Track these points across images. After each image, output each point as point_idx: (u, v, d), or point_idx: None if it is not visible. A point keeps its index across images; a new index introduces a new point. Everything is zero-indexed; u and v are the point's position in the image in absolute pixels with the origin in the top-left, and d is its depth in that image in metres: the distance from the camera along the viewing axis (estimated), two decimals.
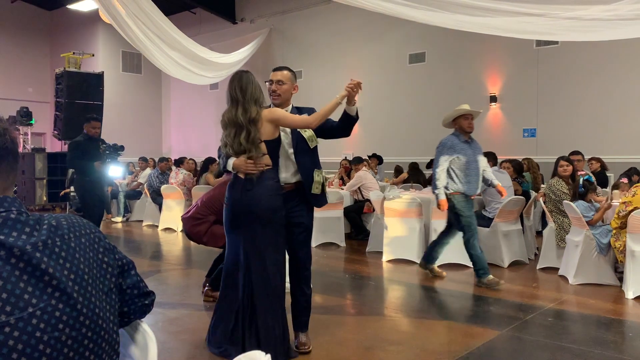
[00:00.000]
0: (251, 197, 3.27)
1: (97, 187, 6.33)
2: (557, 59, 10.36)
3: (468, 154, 5.41)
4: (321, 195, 3.57)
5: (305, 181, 3.49)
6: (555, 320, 4.26)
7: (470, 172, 5.33)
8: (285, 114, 3.35)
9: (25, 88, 16.43)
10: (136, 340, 1.41)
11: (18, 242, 1.07)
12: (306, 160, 3.50)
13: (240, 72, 3.42)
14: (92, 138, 6.33)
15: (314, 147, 3.54)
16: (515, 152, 9.94)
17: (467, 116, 5.59)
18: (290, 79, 3.53)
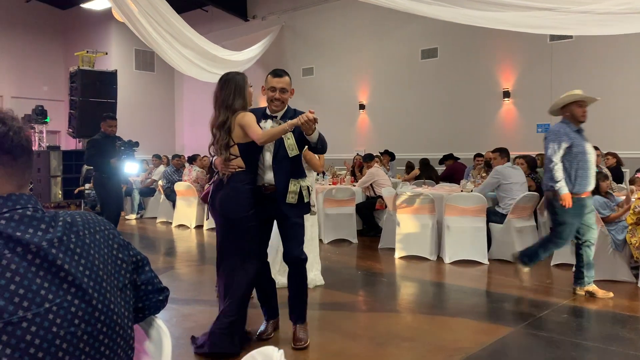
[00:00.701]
0: (219, 198, 3.48)
1: (115, 183, 6.44)
2: (572, 53, 10.24)
3: (582, 145, 4.86)
4: (297, 205, 3.48)
5: (279, 188, 3.46)
6: (570, 317, 4.23)
7: (583, 166, 4.71)
8: (248, 122, 3.35)
9: (40, 86, 16.60)
10: (151, 336, 1.42)
11: (34, 238, 1.09)
12: (283, 167, 3.46)
13: (221, 77, 3.56)
14: (108, 136, 6.45)
15: (294, 157, 3.46)
16: (528, 147, 9.85)
17: (581, 103, 5.10)
18: (290, 85, 3.53)
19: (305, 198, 3.51)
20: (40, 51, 16.88)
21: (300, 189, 3.47)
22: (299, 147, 3.46)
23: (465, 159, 10.23)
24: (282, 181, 3.45)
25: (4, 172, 1.13)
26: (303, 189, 3.49)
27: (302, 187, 3.49)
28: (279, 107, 3.51)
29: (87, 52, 13.29)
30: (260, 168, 3.52)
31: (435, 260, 6.37)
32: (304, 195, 3.50)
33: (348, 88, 13.31)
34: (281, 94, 3.47)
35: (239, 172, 3.45)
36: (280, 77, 3.49)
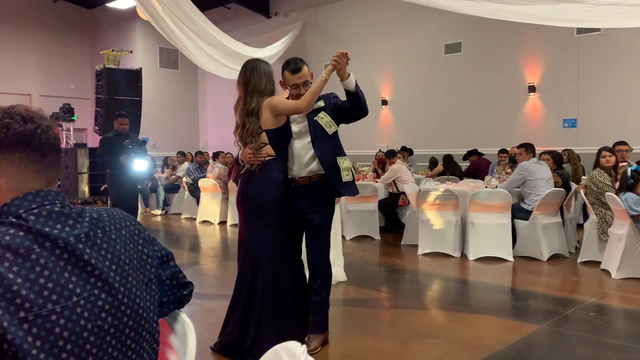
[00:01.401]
0: (250, 189, 3.30)
1: (126, 180, 6.51)
2: (599, 46, 10.03)
3: None
4: (352, 183, 3.37)
5: (328, 170, 3.28)
6: (597, 315, 4.15)
7: None
8: (280, 101, 3.23)
9: (67, 85, 16.92)
10: (175, 330, 1.44)
11: (62, 234, 1.12)
12: (326, 148, 3.30)
13: (246, 63, 3.39)
14: (120, 134, 6.58)
15: (334, 133, 3.33)
16: (555, 143, 9.70)
17: None
18: (309, 72, 3.44)
19: (345, 177, 3.33)
20: (67, 50, 17.19)
21: (351, 165, 3.42)
22: (336, 122, 3.36)
23: (490, 155, 10.11)
24: (330, 162, 3.29)
25: (32, 169, 1.16)
26: (344, 168, 3.33)
27: (344, 166, 3.34)
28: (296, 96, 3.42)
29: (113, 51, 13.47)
30: (290, 159, 3.36)
31: (459, 257, 6.31)
32: (343, 175, 3.33)
33: (370, 84, 13.24)
34: (306, 88, 3.35)
35: (269, 160, 3.28)
36: (299, 72, 3.35)
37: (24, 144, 1.15)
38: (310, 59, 14.47)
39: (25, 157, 1.15)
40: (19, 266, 1.04)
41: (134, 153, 6.40)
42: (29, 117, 1.17)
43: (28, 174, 1.16)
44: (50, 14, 16.54)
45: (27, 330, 1.00)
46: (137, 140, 6.61)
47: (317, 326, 3.44)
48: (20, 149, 1.15)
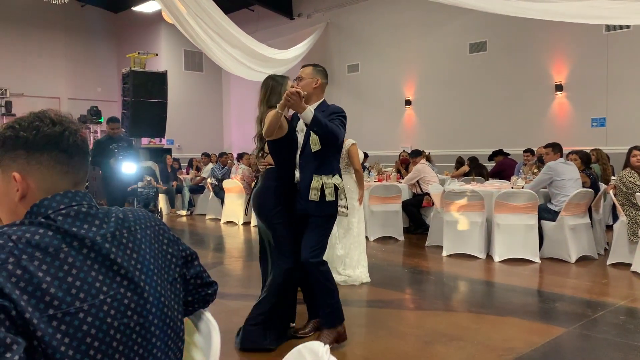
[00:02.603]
0: (252, 196, 3.70)
1: (117, 182, 6.95)
2: (629, 43, 9.81)
3: None
4: (319, 204, 3.36)
5: (303, 184, 3.43)
6: (628, 319, 4.06)
7: None
8: (266, 117, 3.39)
9: (94, 88, 17.24)
10: (200, 329, 1.46)
11: (89, 233, 1.14)
12: (309, 163, 3.42)
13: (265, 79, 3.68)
14: (112, 137, 7.03)
15: (316, 152, 3.37)
16: (582, 142, 9.52)
17: None
18: (310, 75, 3.52)
19: (328, 197, 3.36)
20: (94, 54, 17.51)
21: (322, 185, 3.36)
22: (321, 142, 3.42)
23: (516, 155, 9.97)
24: (307, 177, 3.42)
25: (60, 170, 1.19)
26: (327, 186, 3.36)
27: (326, 184, 3.36)
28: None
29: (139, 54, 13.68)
30: (296, 165, 3.57)
31: (485, 259, 6.24)
32: (327, 193, 3.36)
33: (394, 84, 13.19)
34: (297, 82, 3.50)
35: (269, 169, 3.57)
36: (302, 68, 3.61)
37: (52, 145, 1.18)
38: (333, 60, 14.50)
39: (53, 158, 1.18)
40: (48, 265, 1.06)
41: (122, 156, 6.77)
42: (57, 120, 1.20)
43: (56, 174, 1.19)
44: (78, 19, 16.87)
45: (56, 327, 1.02)
46: (124, 144, 6.98)
47: (328, 321, 3.49)
48: (49, 150, 1.18)
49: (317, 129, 3.22)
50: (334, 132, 3.24)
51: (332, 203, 3.39)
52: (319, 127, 3.19)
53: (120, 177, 6.97)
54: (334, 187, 3.38)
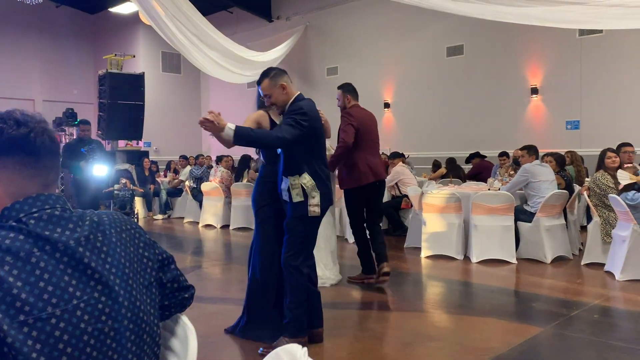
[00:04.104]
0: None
1: (87, 185, 6.92)
2: (602, 48, 10.01)
3: None
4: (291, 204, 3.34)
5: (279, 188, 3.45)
6: (602, 317, 4.13)
7: None
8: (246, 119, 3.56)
9: (70, 90, 16.96)
10: (176, 333, 1.44)
11: (62, 237, 1.12)
12: (278, 164, 3.46)
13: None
14: (82, 140, 6.97)
15: (282, 152, 3.38)
16: (557, 145, 9.67)
17: None
18: (270, 87, 3.38)
19: (295, 197, 3.31)
20: (70, 55, 17.23)
21: (289, 187, 3.33)
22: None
23: (492, 157, 10.09)
24: (279, 179, 3.44)
25: (28, 174, 1.16)
26: (293, 187, 3.31)
27: (292, 185, 3.31)
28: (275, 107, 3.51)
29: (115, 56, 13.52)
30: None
31: (462, 260, 6.30)
32: (294, 194, 3.31)
33: (373, 87, 13.25)
34: (267, 100, 3.45)
35: (262, 165, 3.70)
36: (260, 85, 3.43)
37: (18, 148, 1.15)
38: (312, 63, 14.52)
39: (19, 161, 1.15)
40: (19, 270, 1.04)
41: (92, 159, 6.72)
42: (23, 121, 1.16)
43: (23, 178, 1.16)
44: (52, 19, 16.60)
45: (27, 333, 1.00)
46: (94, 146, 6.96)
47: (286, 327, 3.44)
48: (14, 154, 1.15)
49: (244, 144, 3.21)
50: (261, 141, 3.26)
51: (301, 204, 3.31)
52: (243, 141, 3.16)
53: (91, 180, 6.90)
54: (302, 187, 3.30)
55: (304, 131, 3.25)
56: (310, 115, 3.32)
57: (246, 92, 15.70)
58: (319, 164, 3.39)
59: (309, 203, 3.31)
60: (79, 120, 7.43)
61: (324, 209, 3.40)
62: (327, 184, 3.41)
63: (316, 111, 3.45)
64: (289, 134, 3.21)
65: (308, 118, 3.28)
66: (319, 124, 3.45)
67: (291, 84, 3.47)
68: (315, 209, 3.32)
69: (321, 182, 3.35)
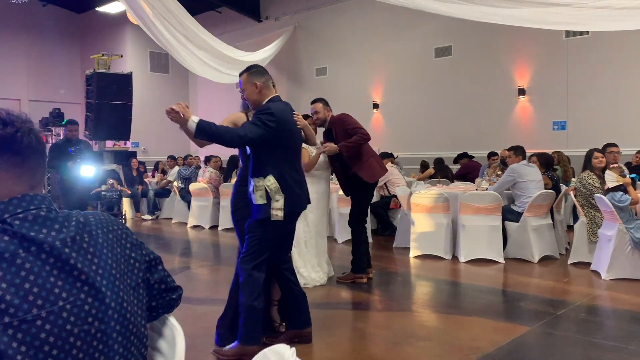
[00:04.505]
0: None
1: (75, 185, 6.81)
2: (588, 49, 10.11)
3: None
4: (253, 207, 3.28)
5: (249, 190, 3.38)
6: (588, 316, 4.18)
7: None
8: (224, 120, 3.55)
9: (57, 90, 16.80)
10: (164, 334, 1.43)
11: (48, 238, 1.11)
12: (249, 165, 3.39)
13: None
14: (70, 140, 6.89)
15: (250, 153, 3.32)
16: (545, 145, 9.75)
17: None
18: (246, 82, 3.37)
19: (258, 200, 3.24)
20: (56, 55, 17.08)
21: (253, 188, 3.27)
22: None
23: (480, 158, 10.15)
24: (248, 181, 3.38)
25: (14, 174, 1.15)
26: (257, 189, 3.25)
27: (256, 187, 3.25)
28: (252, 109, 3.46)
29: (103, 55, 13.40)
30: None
31: (451, 259, 6.33)
32: (257, 196, 3.25)
33: (362, 87, 13.28)
34: (242, 94, 3.44)
35: (240, 168, 3.69)
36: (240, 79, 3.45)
37: (4, 147, 1.14)
38: (301, 63, 14.51)
39: (6, 161, 1.14)
40: (4, 271, 1.03)
41: (79, 159, 6.64)
42: (9, 121, 1.15)
43: (10, 178, 1.15)
44: (39, 18, 16.44)
45: (11, 335, 0.99)
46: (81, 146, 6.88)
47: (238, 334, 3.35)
48: (1, 153, 1.13)
49: (205, 138, 3.16)
50: (222, 136, 3.12)
51: (264, 206, 3.23)
52: (204, 135, 3.10)
53: (79, 181, 6.82)
54: (265, 190, 3.22)
55: (269, 132, 3.17)
56: (278, 117, 3.22)
57: (235, 92, 15.63)
58: (289, 169, 3.29)
59: (272, 206, 3.22)
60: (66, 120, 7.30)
61: (291, 214, 3.31)
62: (296, 191, 3.29)
63: (289, 115, 3.36)
64: (252, 132, 3.14)
65: (275, 119, 3.19)
66: (291, 127, 3.35)
67: (271, 87, 3.39)
68: (278, 212, 3.21)
69: (288, 187, 3.24)
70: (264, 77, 3.37)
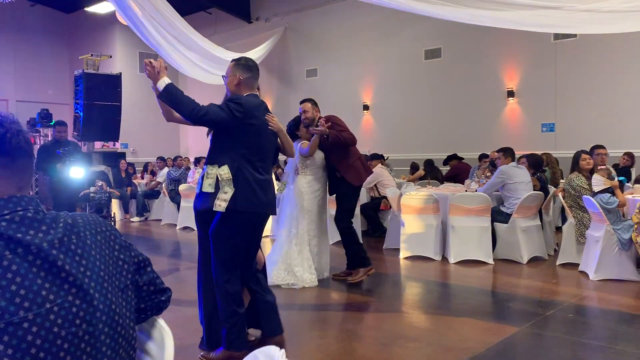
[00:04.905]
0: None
1: (64, 187, 6.78)
2: (576, 52, 10.20)
3: None
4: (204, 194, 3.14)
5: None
6: (576, 316, 4.21)
7: None
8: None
9: (45, 90, 16.66)
10: (153, 336, 1.42)
11: (35, 240, 1.09)
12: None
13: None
14: (58, 141, 6.82)
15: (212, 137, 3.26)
16: (533, 147, 9.82)
17: None
18: (230, 69, 3.33)
19: (207, 188, 3.11)
20: (45, 55, 16.94)
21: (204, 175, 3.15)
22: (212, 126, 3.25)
23: (470, 159, 10.20)
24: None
25: (3, 174, 1.14)
26: (207, 176, 3.12)
27: (208, 174, 3.13)
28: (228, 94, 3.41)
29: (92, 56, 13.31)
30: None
31: (440, 261, 6.35)
32: (206, 184, 3.12)
33: (352, 89, 13.30)
34: (224, 80, 3.39)
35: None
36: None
37: None
38: (291, 64, 14.51)
39: None
40: None
41: (68, 161, 6.57)
42: None
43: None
44: (27, 18, 16.30)
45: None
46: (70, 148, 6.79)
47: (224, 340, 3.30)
48: None
49: (165, 99, 3.06)
50: (183, 104, 3.01)
51: (209, 196, 3.11)
52: (167, 97, 3.03)
53: (68, 182, 6.76)
54: (216, 178, 3.10)
55: (232, 120, 3.08)
56: (247, 109, 3.13)
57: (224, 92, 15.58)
58: (250, 167, 3.14)
59: (217, 196, 3.08)
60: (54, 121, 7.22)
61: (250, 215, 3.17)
62: (255, 190, 3.14)
63: (259, 112, 3.24)
64: (214, 114, 3.06)
65: (242, 110, 3.10)
66: (258, 124, 3.21)
67: (252, 86, 3.31)
68: (222, 203, 3.06)
69: (245, 183, 3.10)
70: (248, 74, 3.30)
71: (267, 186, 3.25)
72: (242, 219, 3.15)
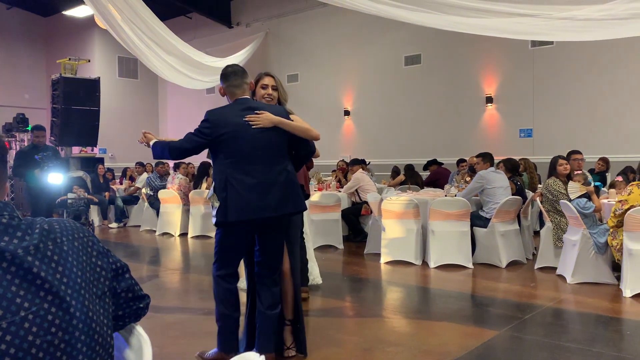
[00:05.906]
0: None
1: (42, 193, 6.64)
2: (553, 59, 10.39)
3: None
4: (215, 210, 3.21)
5: None
6: (554, 320, 4.27)
7: None
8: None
9: (21, 94, 16.40)
10: (131, 344, 1.40)
11: (9, 246, 1.07)
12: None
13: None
14: (36, 146, 6.69)
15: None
16: (511, 152, 9.95)
17: None
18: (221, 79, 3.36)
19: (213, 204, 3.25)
20: (21, 59, 16.69)
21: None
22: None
23: (449, 164, 10.30)
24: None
25: None
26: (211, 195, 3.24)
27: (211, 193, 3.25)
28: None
29: (70, 60, 13.15)
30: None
31: (421, 265, 6.38)
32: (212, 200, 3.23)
33: (333, 94, 13.35)
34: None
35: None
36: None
37: None
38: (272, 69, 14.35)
39: None
40: None
41: (48, 166, 6.45)
42: None
43: None
44: (3, 21, 16.05)
45: None
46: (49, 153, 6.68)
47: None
48: None
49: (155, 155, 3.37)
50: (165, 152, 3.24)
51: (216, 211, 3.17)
52: (155, 153, 3.33)
53: (46, 189, 6.61)
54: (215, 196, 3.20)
55: (204, 139, 3.12)
56: (213, 123, 3.11)
57: (204, 97, 15.55)
58: (238, 173, 3.08)
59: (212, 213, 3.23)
60: (32, 125, 7.06)
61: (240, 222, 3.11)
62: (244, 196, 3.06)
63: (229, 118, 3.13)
64: (189, 142, 3.17)
65: (209, 126, 3.11)
66: (233, 130, 3.10)
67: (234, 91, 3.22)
68: (213, 219, 3.18)
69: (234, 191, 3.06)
70: (225, 83, 3.26)
71: (265, 189, 3.11)
72: (242, 228, 3.17)
